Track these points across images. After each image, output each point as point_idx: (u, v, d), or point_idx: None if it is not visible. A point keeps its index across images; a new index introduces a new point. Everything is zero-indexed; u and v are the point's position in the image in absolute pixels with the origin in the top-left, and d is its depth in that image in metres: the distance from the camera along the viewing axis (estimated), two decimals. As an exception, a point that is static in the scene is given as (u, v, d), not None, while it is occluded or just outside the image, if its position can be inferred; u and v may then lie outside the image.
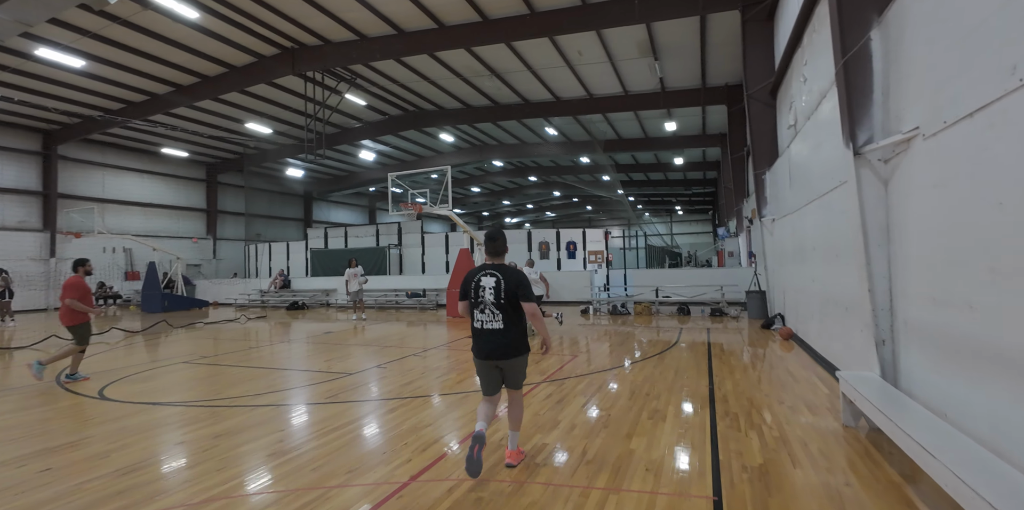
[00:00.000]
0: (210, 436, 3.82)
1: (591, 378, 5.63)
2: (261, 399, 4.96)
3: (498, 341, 3.25)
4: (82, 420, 4.38)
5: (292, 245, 22.49)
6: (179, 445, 3.65)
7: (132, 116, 17.99)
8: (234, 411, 4.55)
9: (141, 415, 4.49)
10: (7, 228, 18.83)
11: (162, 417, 4.41)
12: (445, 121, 21.07)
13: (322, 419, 4.23)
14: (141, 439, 3.79)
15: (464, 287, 3.34)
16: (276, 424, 4.13)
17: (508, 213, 53.68)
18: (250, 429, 4.02)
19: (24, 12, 11.09)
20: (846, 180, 4.15)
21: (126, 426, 4.15)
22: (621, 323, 11.14)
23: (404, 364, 6.75)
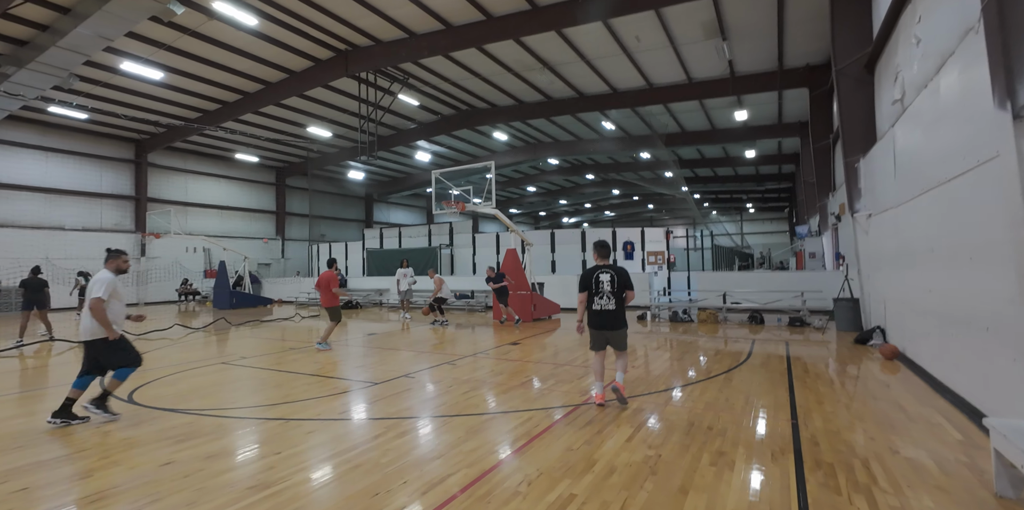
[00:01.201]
0: (201, 457, 3.45)
1: (641, 401, 4.78)
2: (274, 410, 4.61)
3: (610, 317, 4.73)
4: (91, 430, 4.20)
5: (350, 245, 23.07)
6: (163, 467, 3.30)
7: (207, 124, 19.16)
8: (241, 424, 4.21)
9: (151, 424, 4.26)
10: (105, 230, 20.75)
11: (168, 428, 4.15)
12: (497, 119, 20.64)
13: (321, 443, 3.76)
14: (131, 456, 3.50)
15: (585, 281, 4.71)
16: (275, 444, 3.70)
17: (565, 213, 52.65)
18: (247, 449, 3.62)
19: (103, 27, 11.89)
20: (996, 155, 3.04)
21: (128, 437, 3.91)
22: (682, 332, 10.03)
23: (434, 374, 6.23)
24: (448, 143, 24.72)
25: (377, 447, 3.61)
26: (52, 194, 19.33)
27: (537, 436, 3.79)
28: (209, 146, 23.64)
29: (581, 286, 4.70)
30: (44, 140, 19.11)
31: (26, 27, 12.69)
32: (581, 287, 4.70)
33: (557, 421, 4.16)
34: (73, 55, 12.91)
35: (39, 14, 12.27)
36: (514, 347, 8.23)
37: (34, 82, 13.98)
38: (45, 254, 18.67)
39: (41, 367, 7.29)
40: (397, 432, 3.94)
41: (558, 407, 4.60)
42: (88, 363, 4.34)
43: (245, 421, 4.28)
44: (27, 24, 12.55)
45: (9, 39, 13.11)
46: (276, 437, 3.86)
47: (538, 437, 3.77)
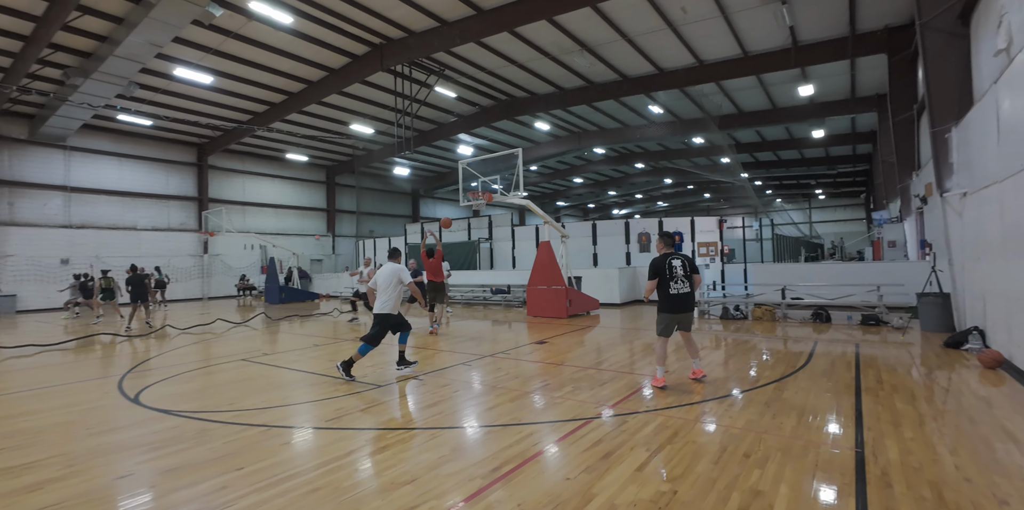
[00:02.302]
0: (159, 471, 3.20)
1: (667, 415, 4.08)
2: (263, 415, 4.35)
3: (686, 300, 4.95)
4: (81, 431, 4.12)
5: (393, 240, 23.32)
6: (118, 480, 3.06)
7: (258, 125, 19.91)
8: (222, 431, 3.97)
9: (138, 428, 4.13)
10: (172, 229, 22.24)
11: (151, 432, 3.99)
12: (538, 108, 19.93)
13: (289, 458, 3.41)
14: (94, 467, 3.31)
15: (657, 269, 4.92)
16: (242, 457, 3.40)
17: (614, 204, 50.97)
18: (214, 461, 3.34)
19: (152, 34, 12.42)
20: None
21: (104, 444, 3.76)
22: (734, 330, 9.02)
23: (442, 376, 5.80)
24: (489, 135, 24.32)
25: (347, 466, 3.20)
26: (127, 197, 20.90)
27: (531, 459, 3.23)
28: (262, 147, 24.70)
29: (653, 273, 4.93)
30: (118, 147, 20.67)
31: (88, 39, 13.53)
32: (653, 274, 4.92)
33: (560, 439, 3.57)
34: (130, 63, 13.66)
35: (98, 25, 13.02)
36: (539, 347, 7.66)
37: (99, 91, 14.99)
38: (122, 252, 20.26)
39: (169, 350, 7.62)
40: (375, 447, 3.52)
41: (567, 420, 4.00)
42: (379, 333, 5.67)
43: (228, 427, 4.04)
44: (88, 36, 13.37)
45: (74, 51, 14.06)
46: (248, 448, 3.56)
47: (532, 460, 3.22)
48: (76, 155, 19.52)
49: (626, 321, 10.61)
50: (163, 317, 13.99)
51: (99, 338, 9.73)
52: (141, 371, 6.43)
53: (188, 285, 22.25)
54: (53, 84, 15.67)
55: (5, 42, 13.42)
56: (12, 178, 17.93)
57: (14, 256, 17.66)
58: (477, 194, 10.05)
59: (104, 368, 6.80)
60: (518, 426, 3.90)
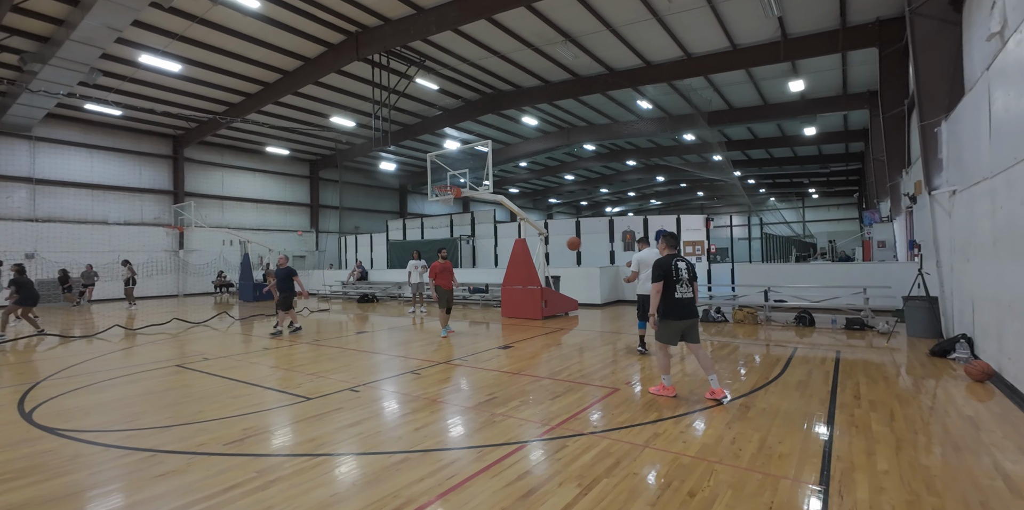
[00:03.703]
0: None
1: (613, 438, 3.59)
2: (158, 436, 3.84)
3: (692, 305, 4.62)
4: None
5: (375, 237, 22.76)
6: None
7: (233, 116, 19.24)
8: (102, 456, 3.46)
9: (6, 452, 3.60)
10: (145, 223, 21.55)
11: (18, 457, 3.48)
12: (523, 101, 19.38)
13: (154, 497, 2.91)
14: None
15: (664, 270, 4.56)
16: (103, 493, 2.89)
17: (607, 202, 50.56)
18: (61, 500, 2.83)
19: (108, 17, 11.77)
20: None
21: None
22: (713, 333, 8.57)
23: (384, 387, 5.30)
24: (476, 130, 23.75)
25: (219, 506, 2.69)
26: (97, 190, 20.19)
27: (440, 497, 2.74)
28: (241, 140, 24.00)
29: (660, 275, 4.55)
30: (87, 138, 19.93)
31: (44, 22, 12.84)
32: (660, 276, 4.54)
33: (481, 471, 3.08)
34: (89, 48, 12.97)
35: (52, 8, 12.34)
36: (502, 352, 7.17)
37: (59, 78, 14.29)
38: (92, 248, 19.58)
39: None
40: (262, 481, 3.01)
41: (498, 445, 3.51)
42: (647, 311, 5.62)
43: (108, 452, 3.52)
44: (44, 19, 12.68)
45: (30, 35, 13.37)
46: (115, 480, 3.05)
47: (441, 497, 2.72)
48: (42, 146, 18.78)
49: (605, 323, 10.14)
50: (127, 315, 13.39)
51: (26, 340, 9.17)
52: (58, 379, 5.88)
53: (162, 281, 21.60)
54: (11, 70, 14.96)
55: (-46, 25, 12.70)
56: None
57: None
58: (445, 188, 9.52)
59: (19, 375, 6.25)
60: (439, 452, 3.40)
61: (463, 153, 11.99)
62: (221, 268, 23.13)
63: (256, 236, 22.48)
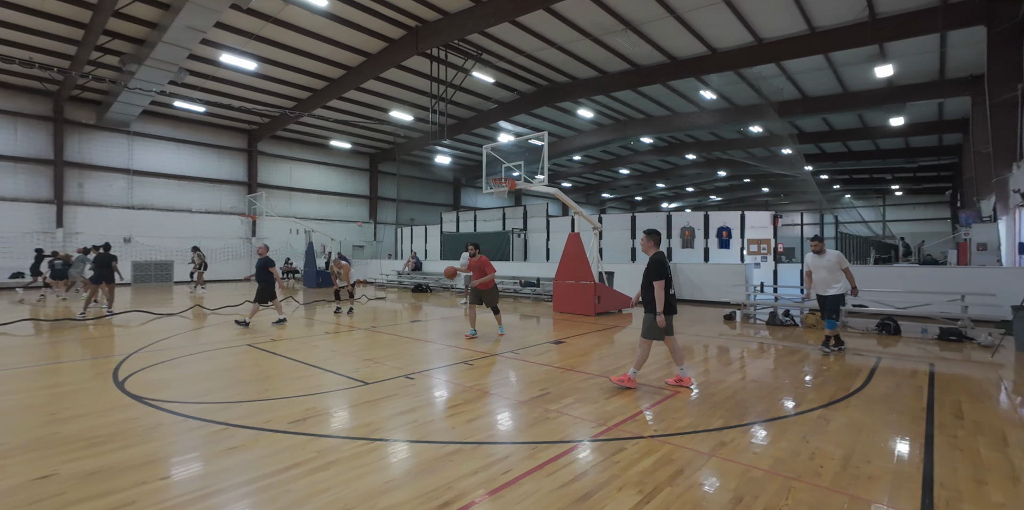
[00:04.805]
0: (83, 473, 2.91)
1: (675, 444, 3.38)
2: (228, 411, 4.05)
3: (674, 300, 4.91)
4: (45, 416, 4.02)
5: (430, 229, 23.23)
6: (36, 481, 2.81)
7: (301, 111, 20.23)
8: (180, 426, 3.70)
9: (99, 417, 3.95)
10: (223, 212, 23.21)
11: (107, 424, 3.79)
12: (579, 93, 19.00)
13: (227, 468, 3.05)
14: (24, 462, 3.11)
15: (666, 268, 4.69)
16: (180, 461, 3.08)
17: (663, 197, 48.86)
18: (145, 466, 3.03)
19: (194, 18, 12.62)
20: None
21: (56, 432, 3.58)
22: (780, 338, 7.99)
23: (438, 376, 5.33)
24: (529, 123, 23.59)
25: (278, 485, 2.76)
26: (183, 180, 21.96)
27: (490, 494, 2.67)
28: (308, 134, 25.23)
29: (664, 271, 4.63)
30: (176, 132, 21.69)
31: (138, 25, 14.00)
32: (663, 273, 4.62)
33: (534, 469, 2.98)
34: (177, 49, 14.03)
35: (146, 12, 13.41)
36: (554, 347, 7.04)
37: (153, 77, 15.57)
38: (177, 233, 21.36)
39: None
40: (322, 462, 3.07)
41: (552, 442, 3.40)
42: (833, 311, 6.51)
43: (186, 423, 3.75)
44: (139, 22, 13.83)
45: (128, 38, 14.63)
46: (190, 450, 3.23)
47: (491, 495, 2.65)
48: (138, 140, 20.63)
49: (658, 322, 9.74)
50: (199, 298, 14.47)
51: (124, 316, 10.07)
52: (145, 353, 6.41)
53: (236, 265, 23.22)
54: (112, 70, 16.47)
55: (67, 30, 14.13)
56: (82, 161, 19.19)
57: (82, 233, 18.96)
58: (500, 180, 9.46)
59: (115, 347, 6.86)
60: (491, 446, 3.34)
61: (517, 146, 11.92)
62: (288, 255, 24.53)
63: (319, 226, 23.57)
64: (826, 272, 6.52)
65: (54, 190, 18.43)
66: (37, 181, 18.18)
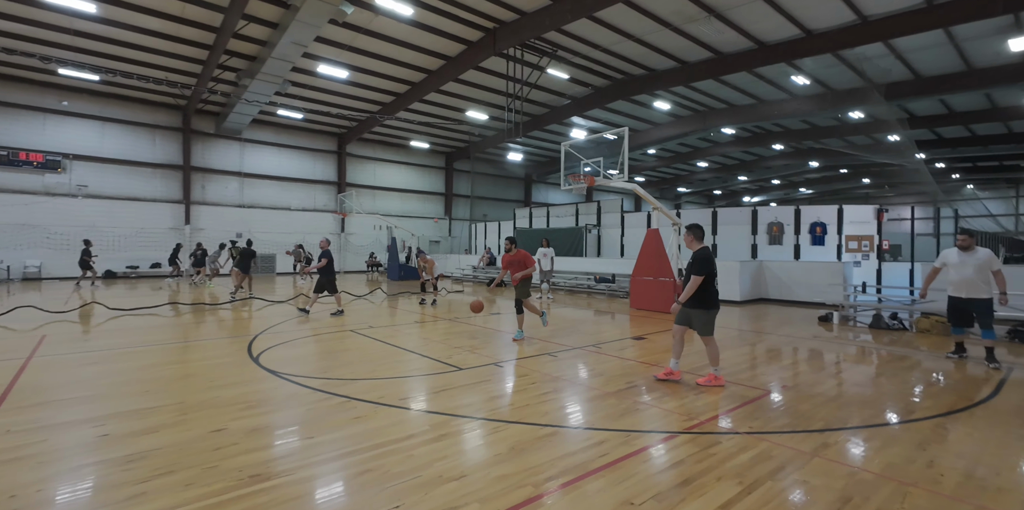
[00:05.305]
0: (246, 429, 3.48)
1: (773, 442, 3.36)
2: (347, 386, 4.59)
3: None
4: (203, 383, 4.77)
5: (503, 225, 23.76)
6: (212, 433, 3.40)
7: (385, 114, 21.55)
8: (310, 397, 4.26)
9: (246, 386, 4.63)
10: (317, 210, 25.37)
11: (255, 391, 4.45)
12: (657, 85, 18.46)
13: (356, 434, 3.50)
14: (193, 419, 3.73)
15: (711, 263, 4.68)
16: (316, 426, 3.59)
17: (745, 191, 45.99)
18: (292, 427, 3.56)
19: (298, 35, 13.92)
20: None
21: (217, 396, 4.26)
22: (887, 342, 7.39)
23: (525, 365, 5.60)
24: (603, 117, 23.29)
25: (402, 450, 3.15)
26: (283, 181, 24.28)
27: (593, 472, 2.86)
28: (390, 136, 26.77)
29: (709, 266, 4.66)
30: (278, 138, 24.01)
31: (252, 44, 15.69)
32: (707, 269, 4.64)
33: (632, 454, 3.13)
34: (283, 63, 15.56)
35: (259, 31, 15.00)
36: (636, 343, 7.06)
37: (263, 90, 17.38)
38: (278, 229, 23.69)
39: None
40: (435, 434, 3.43)
41: (645, 431, 3.52)
42: (963, 317, 5.86)
43: (314, 394, 4.31)
44: (252, 41, 15.50)
45: (243, 56, 16.43)
46: (323, 418, 3.74)
47: (594, 473, 2.84)
48: (248, 146, 23.11)
49: (745, 321, 9.37)
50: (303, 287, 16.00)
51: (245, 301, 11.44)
52: (268, 334, 7.32)
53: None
54: (230, 85, 18.57)
55: (196, 51, 16.17)
56: (204, 166, 21.87)
57: (204, 229, 21.65)
58: (579, 177, 9.55)
59: (244, 328, 7.89)
60: (588, 431, 3.53)
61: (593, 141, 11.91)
62: (373, 250, 26.30)
63: (400, 222, 24.99)
64: (974, 272, 5.71)
65: (183, 192, 21.18)
66: (170, 184, 21.00)
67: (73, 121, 18.84)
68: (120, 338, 6.93)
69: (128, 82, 17.99)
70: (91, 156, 19.17)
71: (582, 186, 9.42)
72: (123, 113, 19.83)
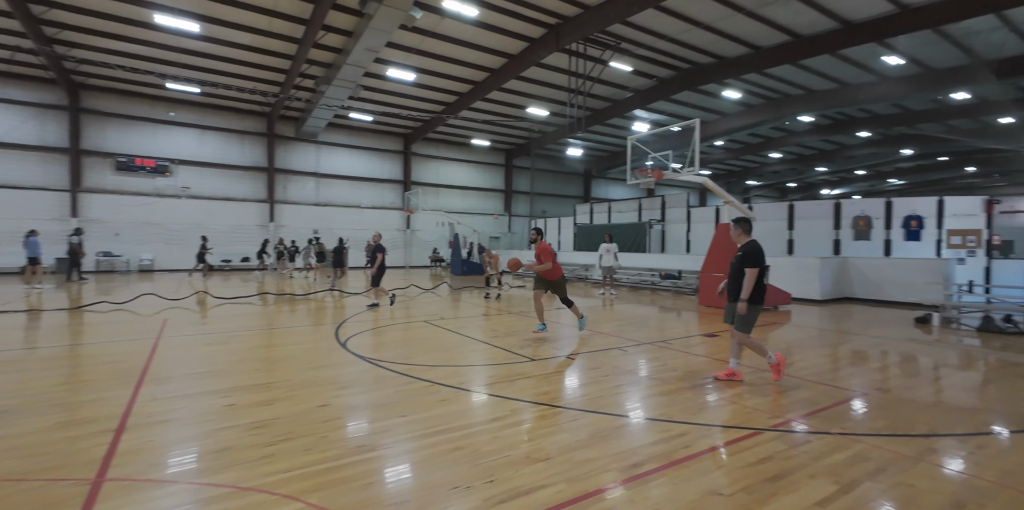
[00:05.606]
0: (349, 406, 3.81)
1: (871, 444, 3.21)
2: (429, 372, 4.88)
3: None
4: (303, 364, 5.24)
5: (563, 221, 23.72)
6: (318, 407, 3.76)
7: (449, 114, 22.19)
8: (397, 380, 4.58)
9: (338, 368, 5.04)
10: (385, 207, 26.63)
11: (347, 373, 4.84)
12: (726, 74, 17.64)
13: (443, 414, 3.73)
14: (302, 395, 4.12)
15: (763, 256, 4.57)
16: (407, 406, 3.87)
17: (824, 182, 42.77)
18: (385, 406, 3.87)
19: (371, 41, 14.67)
20: None
21: (316, 376, 4.69)
22: (999, 347, 6.68)
23: (595, 359, 5.65)
24: (667, 109, 22.56)
25: (488, 432, 3.34)
26: (354, 180, 25.70)
27: (677, 462, 2.89)
28: (452, 135, 27.50)
29: (762, 260, 4.51)
30: (349, 140, 25.43)
31: (329, 52, 16.73)
32: (761, 261, 4.50)
33: (715, 447, 3.12)
34: (356, 69, 16.46)
35: (336, 40, 15.97)
36: (708, 340, 6.88)
37: (338, 95, 18.49)
38: (350, 226, 25.14)
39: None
40: (516, 418, 3.60)
41: (727, 427, 3.48)
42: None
43: (400, 378, 4.63)
44: (329, 49, 16.53)
45: (321, 64, 17.56)
46: (411, 399, 4.02)
47: (678, 463, 2.87)
48: (324, 148, 24.67)
49: (827, 321, 8.82)
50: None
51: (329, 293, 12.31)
52: (350, 322, 7.88)
53: (394, 255, 26.51)
54: (308, 92, 19.91)
55: (280, 62, 17.50)
56: (285, 167, 23.64)
57: (285, 226, 23.44)
58: (646, 171, 9.38)
59: (330, 317, 8.54)
60: (667, 423, 3.54)
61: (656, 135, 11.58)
62: (436, 246, 27.22)
63: (461, 218, 25.64)
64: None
65: (267, 191, 23.03)
66: (256, 185, 22.90)
67: (178, 130, 21.05)
68: (227, 323, 7.76)
69: (223, 93, 19.81)
70: (193, 161, 21.33)
71: (650, 180, 9.25)
72: (218, 121, 21.87)
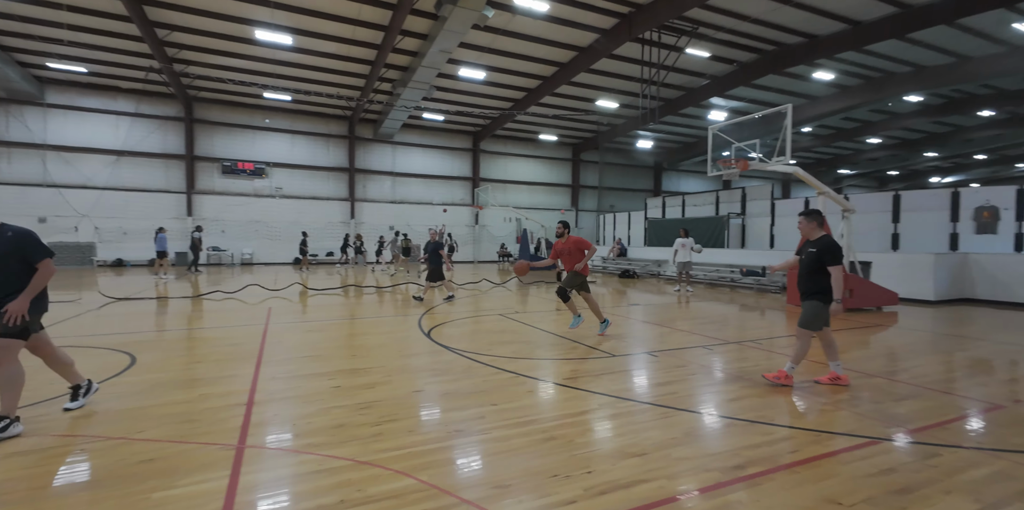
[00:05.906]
0: (441, 392, 4.01)
1: (1015, 461, 2.85)
2: (512, 363, 4.99)
3: None
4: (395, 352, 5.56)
5: (632, 215, 23.11)
6: (413, 393, 3.98)
7: (518, 110, 22.35)
8: (484, 370, 4.73)
9: (428, 357, 5.31)
10: (456, 204, 27.44)
11: (436, 361, 5.08)
12: (818, 53, 16.23)
13: (534, 404, 3.79)
14: (400, 380, 4.38)
15: (841, 252, 4.24)
16: (497, 395, 3.98)
17: (934, 170, 38.17)
18: (476, 394, 4.02)
19: (445, 43, 15.11)
20: None
21: (409, 363, 4.96)
22: None
23: (680, 356, 5.48)
24: (748, 95, 21.17)
25: (579, 424, 3.37)
26: (427, 178, 26.71)
27: (786, 467, 2.75)
28: (520, 131, 27.67)
29: (841, 256, 4.21)
30: (422, 139, 26.43)
31: (405, 56, 17.45)
32: (841, 257, 4.20)
33: (828, 454, 2.92)
34: (431, 70, 17.05)
35: (412, 44, 16.62)
36: (802, 341, 6.41)
37: (412, 96, 19.27)
38: (423, 223, 26.17)
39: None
40: (608, 412, 3.59)
41: (839, 434, 3.24)
42: None
43: (486, 368, 4.78)
44: (406, 53, 17.24)
45: (397, 67, 18.37)
46: (500, 389, 4.14)
47: (787, 468, 2.73)
48: (399, 148, 25.86)
49: (942, 324, 7.90)
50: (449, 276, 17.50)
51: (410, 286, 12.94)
52: (433, 313, 8.25)
53: (464, 250, 27.29)
54: (386, 94, 20.91)
55: (361, 67, 18.53)
56: (365, 167, 25.06)
57: (364, 223, 24.88)
58: (729, 162, 8.88)
59: (412, 308, 8.99)
60: (768, 426, 3.37)
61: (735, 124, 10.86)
62: (504, 241, 27.64)
63: (528, 214, 25.84)
64: None
65: (348, 190, 24.55)
66: (339, 185, 24.50)
67: (272, 135, 23.01)
68: (324, 312, 8.43)
69: (311, 99, 21.35)
70: (285, 163, 23.23)
71: (734, 171, 8.75)
72: (306, 126, 23.63)
